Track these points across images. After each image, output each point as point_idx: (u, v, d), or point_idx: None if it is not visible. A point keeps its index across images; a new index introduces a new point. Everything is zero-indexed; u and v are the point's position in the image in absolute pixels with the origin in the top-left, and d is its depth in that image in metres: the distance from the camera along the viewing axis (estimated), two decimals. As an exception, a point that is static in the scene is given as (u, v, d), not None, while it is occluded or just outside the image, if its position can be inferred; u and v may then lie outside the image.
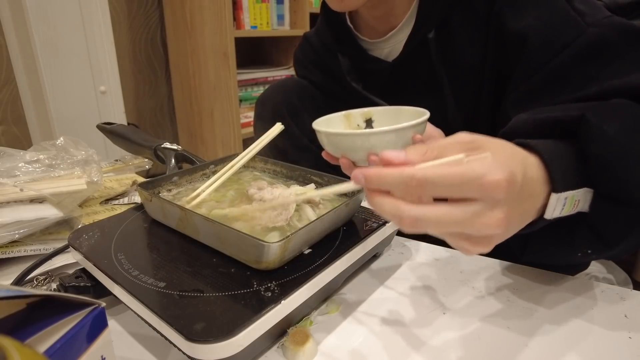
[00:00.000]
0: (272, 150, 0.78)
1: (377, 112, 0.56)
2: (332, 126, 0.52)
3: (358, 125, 0.56)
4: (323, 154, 0.50)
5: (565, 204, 0.36)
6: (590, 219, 0.39)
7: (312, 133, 0.52)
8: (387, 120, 0.57)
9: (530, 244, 0.44)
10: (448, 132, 0.67)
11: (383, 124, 0.57)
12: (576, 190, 0.37)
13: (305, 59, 0.84)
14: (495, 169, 0.28)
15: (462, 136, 0.32)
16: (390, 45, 0.68)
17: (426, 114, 0.49)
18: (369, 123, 0.56)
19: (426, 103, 0.68)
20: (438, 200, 0.30)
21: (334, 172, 0.54)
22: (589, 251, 0.40)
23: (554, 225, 0.40)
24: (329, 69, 0.77)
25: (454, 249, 0.54)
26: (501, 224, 0.29)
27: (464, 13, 0.60)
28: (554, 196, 0.35)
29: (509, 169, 0.29)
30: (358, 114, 0.56)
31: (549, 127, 0.40)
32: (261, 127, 0.80)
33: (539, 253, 0.44)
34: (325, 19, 0.74)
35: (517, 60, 0.54)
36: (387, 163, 0.29)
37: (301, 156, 0.79)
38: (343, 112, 0.55)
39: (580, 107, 0.40)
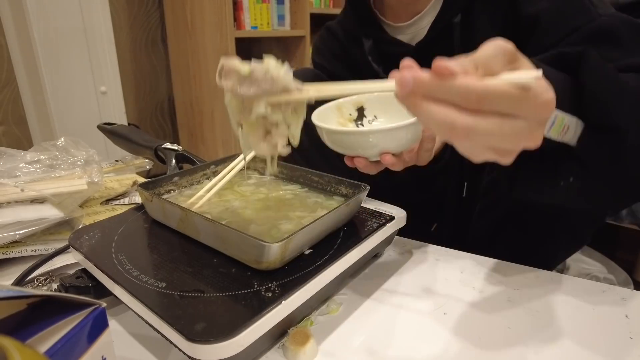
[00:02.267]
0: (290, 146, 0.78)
1: (368, 100, 0.56)
2: (326, 119, 0.52)
3: (350, 114, 0.56)
4: (345, 160, 0.50)
5: (555, 122, 0.38)
6: (575, 150, 0.41)
7: None
8: (379, 108, 0.57)
9: (517, 179, 0.45)
10: None
11: (375, 111, 0.57)
12: (566, 114, 0.38)
13: (325, 49, 0.83)
14: (547, 88, 0.29)
15: (502, 45, 0.31)
16: (414, 31, 0.69)
17: None
18: (360, 111, 0.57)
19: None
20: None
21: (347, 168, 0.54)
22: (571, 179, 0.42)
23: (541, 160, 0.42)
24: (349, 58, 0.78)
25: (453, 248, 0.55)
26: (539, 140, 0.30)
27: None
28: None
29: (551, 88, 0.29)
30: (349, 103, 0.56)
31: (554, 60, 0.42)
32: None
33: (526, 187, 0.45)
34: (351, 3, 0.74)
35: (527, 43, 0.55)
36: (442, 71, 0.28)
37: (318, 151, 0.79)
38: (334, 103, 0.55)
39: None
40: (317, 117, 0.51)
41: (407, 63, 0.31)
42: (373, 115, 0.57)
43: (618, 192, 0.44)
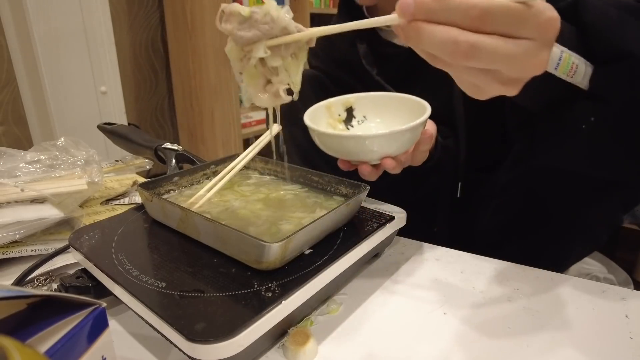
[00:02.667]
0: (289, 145, 0.78)
1: (357, 101, 0.56)
2: (315, 119, 0.53)
3: (339, 115, 0.57)
4: (339, 163, 0.50)
5: (561, 59, 0.37)
6: (590, 90, 0.40)
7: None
8: (368, 108, 0.57)
9: (537, 138, 0.45)
10: (451, 119, 0.68)
11: (364, 111, 0.58)
12: (573, 53, 0.38)
13: (321, 52, 0.84)
14: (550, 7, 0.28)
15: None
16: None
17: (426, 112, 0.48)
18: (349, 112, 0.57)
19: (434, 90, 0.69)
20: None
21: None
22: (592, 118, 0.41)
23: (557, 107, 0.42)
24: (344, 59, 0.78)
25: (453, 248, 0.55)
26: (545, 65, 0.30)
27: None
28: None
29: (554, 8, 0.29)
30: (338, 103, 0.56)
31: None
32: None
33: (547, 144, 0.45)
34: (344, 8, 0.75)
35: None
36: None
37: (318, 151, 0.79)
38: (324, 103, 0.55)
39: None
40: (308, 118, 0.51)
41: None
42: (362, 116, 0.58)
43: None
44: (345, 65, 0.78)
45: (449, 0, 0.28)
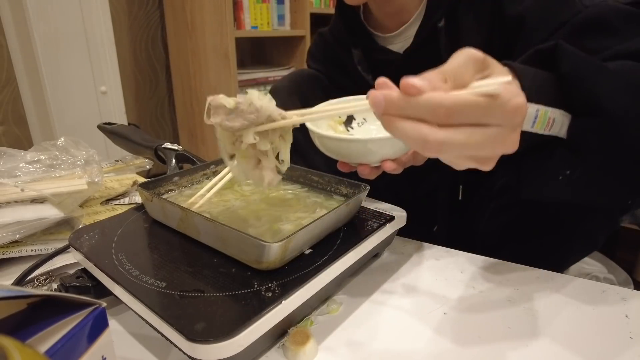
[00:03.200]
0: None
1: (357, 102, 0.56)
2: (316, 122, 0.52)
3: (339, 117, 0.57)
4: (338, 165, 0.50)
5: (537, 117, 0.38)
6: (567, 140, 0.41)
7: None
8: (370, 111, 0.57)
9: (522, 179, 0.46)
10: None
11: (364, 114, 0.57)
12: (549, 107, 0.39)
13: (318, 53, 0.85)
14: (517, 93, 0.29)
15: (471, 53, 0.31)
16: (402, 40, 0.69)
17: None
18: (349, 116, 0.57)
19: None
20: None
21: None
22: (568, 171, 0.42)
23: (538, 156, 0.43)
24: (341, 63, 0.78)
25: (453, 248, 0.55)
26: (515, 145, 0.31)
27: (470, 1, 0.60)
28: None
29: (522, 92, 0.30)
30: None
31: (532, 58, 0.43)
32: None
33: (531, 186, 0.46)
34: (340, 13, 0.75)
35: (516, 43, 0.55)
36: (409, 89, 0.29)
37: (316, 150, 0.79)
38: (324, 104, 0.55)
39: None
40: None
41: (381, 81, 0.32)
42: (362, 118, 0.58)
43: (626, 180, 0.43)
44: (342, 69, 0.78)
45: (416, 99, 0.29)
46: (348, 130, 0.58)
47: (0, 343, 0.19)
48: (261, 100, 0.39)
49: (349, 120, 0.57)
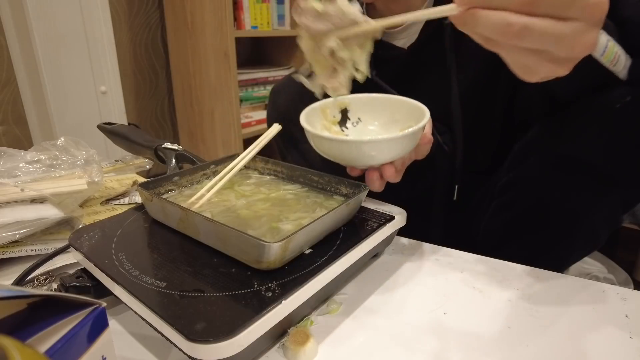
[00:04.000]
0: (287, 144, 0.78)
1: (352, 102, 0.55)
2: (311, 120, 0.52)
3: (334, 116, 0.56)
4: (347, 170, 0.50)
5: (607, 48, 0.41)
6: (627, 80, 0.45)
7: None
8: (363, 110, 0.56)
9: (563, 126, 0.51)
10: (449, 121, 0.68)
11: (358, 113, 0.57)
12: (617, 43, 0.42)
13: None
14: None
15: None
16: (406, 36, 0.69)
17: (425, 116, 0.48)
18: (344, 113, 0.56)
19: (433, 92, 0.69)
20: None
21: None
22: (629, 98, 0.46)
23: (588, 99, 0.48)
24: None
25: (455, 248, 0.55)
26: (593, 45, 0.32)
27: None
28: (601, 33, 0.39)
29: None
30: (333, 105, 0.55)
31: None
32: (276, 117, 0.79)
33: (570, 132, 0.50)
34: None
35: None
36: None
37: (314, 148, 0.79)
38: (319, 104, 0.54)
39: None
40: (304, 119, 0.50)
41: None
42: (357, 118, 0.57)
43: None
44: None
45: None
46: (342, 131, 0.57)
47: (0, 343, 0.19)
48: (348, 6, 0.41)
49: (344, 120, 0.57)
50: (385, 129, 0.56)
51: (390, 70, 0.71)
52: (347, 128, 0.57)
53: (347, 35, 0.42)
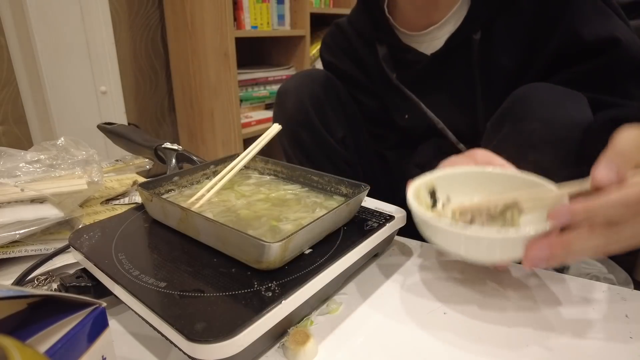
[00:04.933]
0: (293, 144, 0.77)
1: (438, 180, 0.49)
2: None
3: (426, 202, 0.49)
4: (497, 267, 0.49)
5: None
6: None
7: (335, 129, 0.50)
8: (449, 187, 0.49)
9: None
10: (472, 135, 0.68)
11: (445, 190, 0.50)
12: None
13: (335, 46, 0.82)
14: None
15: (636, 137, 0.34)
16: (429, 41, 0.68)
17: (541, 186, 0.43)
18: (433, 195, 0.50)
19: (456, 102, 0.68)
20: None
21: (353, 173, 0.53)
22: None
23: None
24: (358, 57, 0.76)
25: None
26: None
27: (509, 17, 0.60)
28: None
29: None
30: (424, 189, 0.49)
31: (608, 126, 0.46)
32: (282, 117, 0.77)
33: None
34: (364, 6, 0.74)
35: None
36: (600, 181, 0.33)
37: (323, 152, 0.77)
38: (413, 191, 0.46)
39: None
40: (417, 208, 0.43)
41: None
42: (446, 196, 0.50)
43: None
44: (360, 65, 0.77)
45: (603, 204, 0.33)
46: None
47: (0, 343, 0.19)
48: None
49: (434, 203, 0.50)
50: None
51: (409, 74, 0.70)
52: (436, 209, 0.49)
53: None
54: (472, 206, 0.45)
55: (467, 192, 0.49)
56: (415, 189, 0.46)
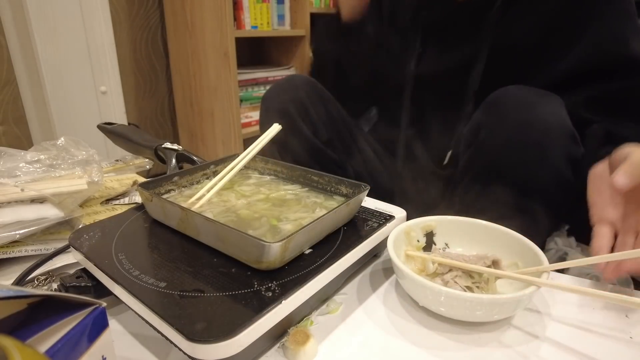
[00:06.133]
0: (282, 150, 0.78)
1: (439, 224, 0.49)
2: (397, 248, 0.45)
3: (418, 241, 0.50)
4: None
5: None
6: None
7: (321, 131, 0.50)
8: (450, 234, 0.50)
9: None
10: (463, 88, 0.71)
11: (445, 237, 0.50)
12: None
13: (327, 30, 0.86)
14: None
15: None
16: None
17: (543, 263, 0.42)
18: (429, 237, 0.50)
19: (460, 51, 0.69)
20: None
21: (344, 174, 0.54)
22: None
23: None
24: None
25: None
26: None
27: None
28: None
29: None
30: (418, 227, 0.49)
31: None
32: (268, 125, 0.79)
33: None
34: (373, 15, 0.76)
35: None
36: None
37: (310, 155, 0.79)
38: (404, 227, 0.47)
39: None
40: (393, 251, 0.44)
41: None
42: (444, 243, 0.51)
43: None
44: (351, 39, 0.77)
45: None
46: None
47: (0, 343, 0.19)
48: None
49: (429, 245, 0.50)
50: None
51: (431, 19, 0.73)
52: (430, 253, 0.49)
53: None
54: (452, 263, 0.45)
55: (468, 243, 0.50)
56: (408, 226, 0.49)
